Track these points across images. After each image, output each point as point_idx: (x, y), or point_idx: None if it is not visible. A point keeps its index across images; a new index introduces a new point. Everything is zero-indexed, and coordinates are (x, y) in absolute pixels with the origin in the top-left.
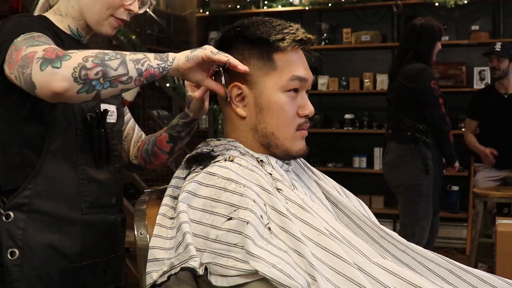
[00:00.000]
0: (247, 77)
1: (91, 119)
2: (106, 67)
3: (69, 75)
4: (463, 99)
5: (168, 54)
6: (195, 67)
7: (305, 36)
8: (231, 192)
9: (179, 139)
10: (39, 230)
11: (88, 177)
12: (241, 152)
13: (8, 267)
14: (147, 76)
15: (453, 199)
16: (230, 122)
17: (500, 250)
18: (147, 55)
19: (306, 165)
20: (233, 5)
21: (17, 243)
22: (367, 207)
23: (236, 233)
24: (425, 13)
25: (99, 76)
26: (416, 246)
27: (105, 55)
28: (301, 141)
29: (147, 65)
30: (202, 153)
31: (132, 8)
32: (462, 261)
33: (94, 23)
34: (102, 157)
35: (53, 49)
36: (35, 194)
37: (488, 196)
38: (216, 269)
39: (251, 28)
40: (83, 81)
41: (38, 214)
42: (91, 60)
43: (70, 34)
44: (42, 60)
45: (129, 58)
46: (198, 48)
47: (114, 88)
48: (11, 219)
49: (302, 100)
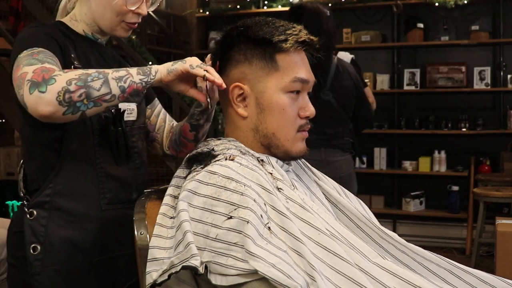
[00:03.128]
0: (249, 77)
1: (106, 118)
2: (89, 89)
3: (53, 100)
4: (463, 99)
5: (151, 67)
6: (176, 79)
7: (308, 38)
8: (232, 191)
9: (200, 127)
10: (59, 227)
11: (107, 175)
12: (242, 152)
13: (31, 261)
14: (130, 92)
15: (453, 199)
16: (231, 122)
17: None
18: (129, 71)
19: (306, 166)
20: (233, 5)
21: (39, 239)
22: (367, 208)
23: (236, 232)
24: (425, 13)
25: (83, 98)
26: (415, 247)
27: (88, 76)
28: (301, 142)
29: (130, 81)
30: (202, 153)
31: (141, 12)
32: (462, 261)
33: (108, 29)
34: (121, 155)
35: (42, 70)
36: (56, 193)
37: (488, 196)
38: (216, 268)
39: (254, 28)
40: (68, 104)
41: (59, 211)
42: (74, 83)
43: (86, 37)
44: (31, 83)
45: (111, 76)
46: (178, 61)
47: (98, 107)
48: (34, 216)
49: (303, 101)
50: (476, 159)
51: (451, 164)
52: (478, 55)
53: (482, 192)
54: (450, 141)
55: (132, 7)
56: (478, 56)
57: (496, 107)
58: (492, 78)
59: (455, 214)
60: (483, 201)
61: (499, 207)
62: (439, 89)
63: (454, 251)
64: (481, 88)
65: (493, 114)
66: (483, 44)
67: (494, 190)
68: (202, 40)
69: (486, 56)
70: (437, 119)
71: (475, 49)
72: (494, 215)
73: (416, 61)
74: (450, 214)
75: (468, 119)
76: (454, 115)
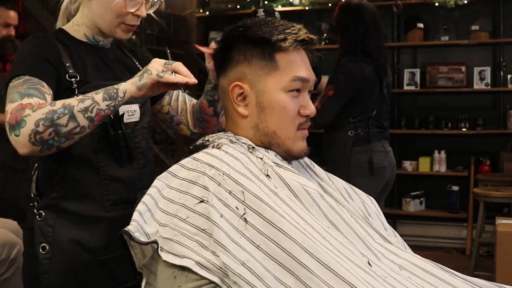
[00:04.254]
0: (249, 77)
1: (102, 124)
2: (56, 126)
3: (26, 142)
4: (463, 99)
5: (118, 89)
6: (149, 91)
7: (307, 36)
8: (209, 178)
9: (216, 101)
10: (66, 227)
11: (110, 177)
12: (231, 141)
13: (40, 260)
14: (99, 120)
15: (453, 199)
16: (232, 121)
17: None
18: (95, 99)
19: (308, 165)
20: (233, 5)
21: (47, 239)
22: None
23: (205, 218)
24: (425, 13)
25: (53, 136)
26: (412, 257)
27: (54, 113)
28: (302, 141)
29: (96, 109)
30: (196, 145)
31: (140, 14)
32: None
33: (107, 30)
34: (123, 157)
35: (17, 110)
36: (61, 196)
37: (488, 196)
38: (173, 246)
39: (253, 28)
40: (40, 143)
41: (65, 213)
42: (42, 123)
43: (87, 41)
44: (9, 126)
45: (77, 109)
46: (144, 74)
47: (71, 140)
48: (42, 217)
49: (304, 100)
50: (476, 159)
51: (451, 164)
52: (478, 55)
53: (482, 192)
54: (450, 141)
55: (131, 9)
56: (478, 56)
57: (496, 107)
58: (492, 78)
59: (455, 214)
60: (483, 201)
61: (499, 207)
62: (439, 89)
63: (454, 251)
64: (481, 88)
65: (493, 114)
66: (483, 44)
67: (494, 190)
68: (202, 40)
69: (486, 56)
70: (437, 119)
71: (475, 49)
72: (494, 215)
73: (416, 61)
74: (450, 214)
75: (468, 119)
76: (454, 115)
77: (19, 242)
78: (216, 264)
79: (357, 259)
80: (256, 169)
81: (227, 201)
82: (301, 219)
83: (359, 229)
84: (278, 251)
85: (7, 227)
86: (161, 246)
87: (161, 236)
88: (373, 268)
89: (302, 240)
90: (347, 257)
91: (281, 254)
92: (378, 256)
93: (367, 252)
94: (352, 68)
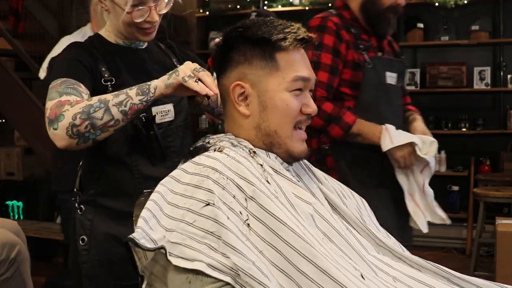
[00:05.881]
0: (249, 77)
1: (134, 126)
2: (92, 119)
3: (64, 135)
4: (463, 99)
5: (150, 85)
6: (175, 91)
7: (307, 35)
8: (213, 181)
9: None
10: (103, 222)
11: (144, 176)
12: (233, 144)
13: (79, 251)
14: (132, 113)
15: (453, 199)
16: (233, 121)
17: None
18: (129, 94)
19: (308, 167)
20: (233, 5)
21: (86, 231)
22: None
23: (212, 220)
24: (425, 13)
25: (89, 129)
26: (412, 255)
27: (91, 107)
28: (302, 143)
29: (130, 104)
30: (196, 147)
31: (150, 20)
32: (462, 261)
33: (129, 36)
34: (156, 156)
35: (56, 106)
36: (98, 193)
37: (488, 196)
38: (183, 251)
39: (252, 28)
40: (77, 136)
41: (102, 208)
42: (79, 116)
43: (120, 45)
44: (48, 120)
45: (112, 103)
46: (173, 73)
47: (106, 132)
48: (82, 211)
49: (306, 98)
50: (476, 159)
51: (451, 164)
52: (478, 55)
53: (482, 192)
54: (450, 141)
55: (139, 19)
56: (478, 56)
57: (496, 107)
58: (492, 78)
59: (455, 214)
60: (483, 201)
61: (499, 207)
62: (439, 89)
63: (454, 251)
64: (481, 88)
65: (493, 114)
66: (483, 44)
67: (494, 190)
68: (202, 40)
69: (486, 56)
70: (437, 119)
71: (475, 49)
72: (494, 215)
73: (416, 61)
74: (450, 214)
75: (468, 119)
76: (454, 115)
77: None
78: (227, 265)
79: (349, 273)
80: (257, 173)
81: (231, 205)
82: (300, 224)
83: (353, 241)
84: (278, 257)
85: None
86: (170, 251)
87: (169, 241)
88: (366, 282)
89: (301, 246)
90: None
91: (282, 260)
92: (372, 268)
93: (361, 264)
94: None
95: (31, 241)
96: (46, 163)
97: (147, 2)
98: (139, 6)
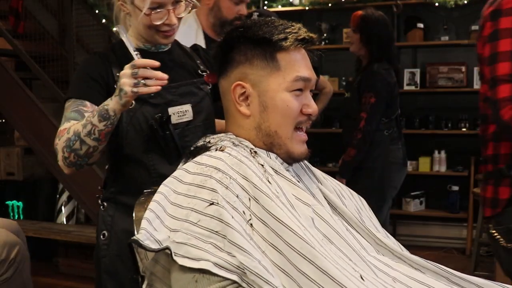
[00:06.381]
0: (250, 77)
1: (150, 126)
2: (75, 151)
3: (64, 166)
4: (463, 99)
5: (107, 110)
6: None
7: (308, 35)
8: (217, 181)
9: None
10: (122, 218)
11: (160, 175)
12: (234, 143)
13: (100, 245)
14: (104, 137)
15: (453, 199)
16: (233, 122)
17: None
18: (93, 123)
19: (307, 167)
20: None
21: (107, 227)
22: (368, 207)
23: (217, 220)
24: (425, 13)
25: (76, 159)
26: (412, 255)
27: (70, 141)
28: (302, 145)
29: (97, 131)
30: (197, 147)
31: (169, 23)
32: (462, 261)
33: (149, 39)
34: (172, 156)
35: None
36: (118, 191)
37: None
38: (189, 250)
39: (253, 28)
40: (72, 165)
41: (122, 206)
42: (65, 150)
43: (140, 47)
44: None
45: (83, 135)
46: (120, 93)
47: (92, 157)
48: (105, 207)
49: (306, 99)
50: (476, 159)
51: (451, 164)
52: None
53: None
54: (450, 141)
55: (158, 22)
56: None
57: None
58: None
59: (455, 214)
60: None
61: None
62: (439, 89)
63: (454, 251)
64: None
65: None
66: None
67: None
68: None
69: None
70: (437, 119)
71: (475, 49)
72: None
73: (416, 61)
74: (450, 214)
75: (468, 119)
76: (454, 115)
77: (19, 242)
78: (233, 264)
79: (349, 274)
80: (259, 173)
81: (235, 204)
82: (301, 225)
83: (353, 242)
84: (279, 258)
85: (7, 227)
86: (175, 252)
87: (174, 241)
88: (366, 283)
89: (301, 246)
90: (342, 267)
91: (283, 261)
92: (372, 268)
93: (361, 265)
94: (386, 75)
95: (31, 241)
96: (46, 163)
97: (166, 5)
98: (158, 9)
